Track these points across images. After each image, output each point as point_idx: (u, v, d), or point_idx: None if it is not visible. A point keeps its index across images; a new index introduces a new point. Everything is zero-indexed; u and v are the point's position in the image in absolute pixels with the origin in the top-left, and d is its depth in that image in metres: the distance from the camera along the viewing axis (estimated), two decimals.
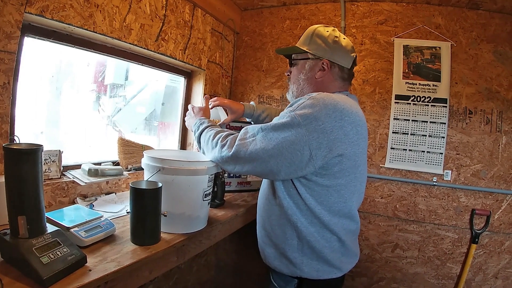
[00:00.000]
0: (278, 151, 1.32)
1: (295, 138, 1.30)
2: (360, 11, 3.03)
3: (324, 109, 1.31)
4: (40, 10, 1.58)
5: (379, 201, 2.97)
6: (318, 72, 1.57)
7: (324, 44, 1.55)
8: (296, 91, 1.65)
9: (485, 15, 2.72)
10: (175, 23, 2.49)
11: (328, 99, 1.35)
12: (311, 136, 1.29)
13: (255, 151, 1.34)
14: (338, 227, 1.48)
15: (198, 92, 3.02)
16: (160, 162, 1.51)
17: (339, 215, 1.46)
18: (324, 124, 1.30)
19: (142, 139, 2.50)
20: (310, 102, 1.33)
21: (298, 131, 1.30)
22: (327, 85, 1.58)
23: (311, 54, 1.58)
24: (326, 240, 1.47)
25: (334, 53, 1.55)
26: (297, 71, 1.64)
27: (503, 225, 2.67)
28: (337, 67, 1.57)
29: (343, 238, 1.50)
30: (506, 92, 2.67)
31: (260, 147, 1.34)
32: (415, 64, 2.86)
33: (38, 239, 1.11)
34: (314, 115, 1.30)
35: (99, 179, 1.88)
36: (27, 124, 1.89)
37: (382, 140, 2.94)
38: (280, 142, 1.31)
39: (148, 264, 1.38)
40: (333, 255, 1.49)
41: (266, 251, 1.60)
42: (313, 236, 1.45)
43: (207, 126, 1.64)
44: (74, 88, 2.35)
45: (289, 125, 1.31)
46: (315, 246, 1.46)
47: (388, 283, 2.99)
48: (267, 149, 1.33)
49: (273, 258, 1.56)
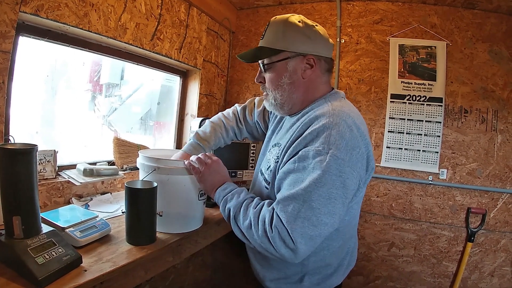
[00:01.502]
0: (339, 201, 1.14)
1: (348, 178, 1.15)
2: (356, 11, 3.03)
3: (352, 137, 1.18)
4: (35, 9, 1.57)
5: (375, 200, 2.97)
6: (305, 71, 1.33)
7: (303, 36, 1.30)
8: (281, 98, 1.38)
9: (480, 14, 2.73)
10: (170, 22, 2.49)
11: (347, 121, 1.20)
12: (356, 166, 1.18)
13: (320, 223, 1.12)
14: (350, 243, 1.47)
15: (194, 91, 3.02)
16: (155, 161, 1.50)
17: (349, 233, 1.43)
18: (360, 149, 1.19)
19: (137, 138, 2.49)
20: (335, 133, 1.15)
21: (346, 170, 1.14)
22: (314, 82, 1.37)
23: (290, 52, 1.31)
24: (335, 254, 1.39)
25: (316, 45, 1.32)
26: (277, 75, 1.35)
27: (499, 223, 2.68)
28: (323, 60, 1.34)
29: (351, 252, 1.48)
30: (502, 91, 2.67)
31: (319, 218, 1.12)
32: (410, 63, 2.87)
33: (33, 239, 1.11)
34: (349, 144, 1.16)
35: (94, 179, 1.87)
36: (22, 124, 1.88)
37: (378, 139, 2.94)
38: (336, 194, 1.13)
39: (144, 264, 1.38)
40: (337, 264, 1.42)
41: (261, 274, 1.49)
42: (321, 255, 1.35)
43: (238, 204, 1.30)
44: (70, 87, 2.34)
45: (332, 170, 1.12)
46: (322, 264, 1.37)
47: (384, 282, 3.00)
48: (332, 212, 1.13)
49: (269, 281, 1.45)
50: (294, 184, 1.16)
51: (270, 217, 1.16)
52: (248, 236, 1.23)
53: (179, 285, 2.82)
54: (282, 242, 1.11)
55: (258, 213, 1.21)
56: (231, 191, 1.36)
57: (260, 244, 1.18)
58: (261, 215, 1.19)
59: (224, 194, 1.35)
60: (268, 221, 1.15)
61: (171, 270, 2.69)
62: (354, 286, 3.08)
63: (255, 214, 1.21)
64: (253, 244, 1.22)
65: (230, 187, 1.38)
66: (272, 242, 1.13)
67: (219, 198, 1.37)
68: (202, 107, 3.07)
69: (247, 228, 1.22)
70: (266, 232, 1.14)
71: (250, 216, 1.22)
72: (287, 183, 1.20)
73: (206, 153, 1.50)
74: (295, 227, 1.09)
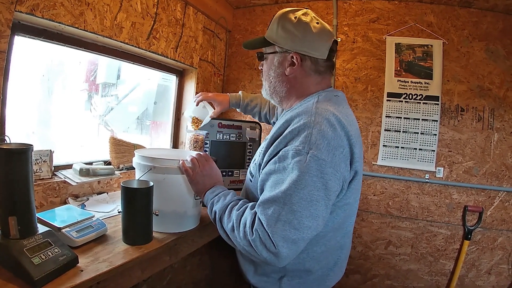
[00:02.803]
0: (321, 203, 1.12)
1: (330, 180, 1.13)
2: (352, 9, 3.03)
3: (335, 136, 1.16)
4: (31, 9, 1.56)
5: (371, 199, 2.97)
6: (287, 68, 1.34)
7: (292, 33, 1.30)
8: (269, 89, 1.44)
9: (477, 13, 2.73)
10: (166, 21, 2.48)
11: (330, 119, 1.19)
12: (340, 167, 1.16)
13: (302, 226, 1.09)
14: (339, 254, 1.41)
15: (190, 90, 3.01)
16: (151, 161, 1.50)
17: (336, 230, 1.35)
18: (344, 149, 1.17)
19: (134, 138, 2.49)
20: (316, 133, 1.13)
21: (328, 171, 1.11)
22: (300, 81, 1.37)
23: (278, 47, 1.34)
24: (316, 260, 1.34)
25: (304, 44, 1.30)
26: (267, 66, 1.42)
27: (496, 221, 2.68)
28: (308, 60, 1.33)
29: (336, 253, 1.41)
30: (498, 90, 2.68)
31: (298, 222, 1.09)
32: (407, 62, 2.87)
33: (29, 239, 1.10)
34: (332, 144, 1.14)
35: (90, 178, 1.87)
36: (19, 124, 1.87)
37: (374, 137, 2.94)
38: (317, 195, 1.11)
39: (140, 263, 1.37)
40: (320, 273, 1.37)
41: (244, 267, 1.48)
42: (300, 258, 1.30)
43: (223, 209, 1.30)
44: (66, 87, 2.33)
45: (313, 171, 1.10)
46: (300, 267, 1.34)
47: (381, 280, 3.00)
48: (314, 214, 1.11)
49: (251, 275, 1.44)
50: (275, 186, 1.15)
51: (252, 220, 1.14)
52: (232, 238, 1.21)
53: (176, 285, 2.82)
54: (263, 246, 1.09)
55: (241, 216, 1.20)
56: (218, 193, 1.36)
57: (243, 247, 1.16)
58: (243, 218, 1.18)
59: (211, 196, 1.36)
60: (249, 224, 1.14)
61: (168, 269, 2.69)
62: (351, 284, 3.09)
63: (237, 217, 1.20)
64: (238, 247, 1.21)
65: (218, 190, 1.38)
66: (254, 246, 1.11)
67: (207, 201, 1.37)
68: None
69: (230, 230, 1.21)
70: (246, 235, 1.13)
71: (233, 219, 1.21)
72: (269, 185, 1.19)
73: (201, 153, 1.51)
74: (276, 230, 1.07)
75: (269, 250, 1.08)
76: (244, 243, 1.14)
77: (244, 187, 1.54)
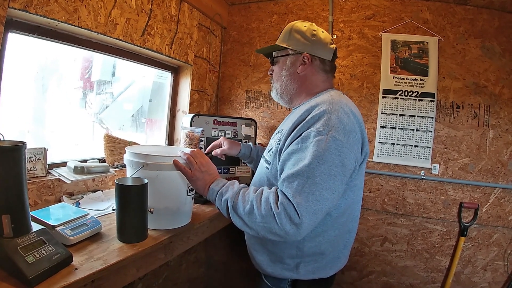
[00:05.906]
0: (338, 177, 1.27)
1: (346, 158, 1.28)
2: (348, 6, 3.03)
3: (349, 119, 1.33)
4: (24, 5, 1.55)
5: (367, 195, 2.98)
6: (299, 67, 1.56)
7: (303, 38, 1.55)
8: (280, 89, 1.65)
9: (473, 10, 2.73)
10: (161, 17, 2.47)
11: (345, 109, 1.36)
12: (353, 148, 1.32)
13: (322, 198, 1.22)
14: (348, 237, 1.56)
15: (185, 87, 3.00)
16: (143, 158, 1.50)
17: (347, 215, 1.49)
18: (357, 134, 1.34)
19: (129, 136, 2.48)
20: (335, 118, 1.30)
21: (344, 150, 1.27)
22: (310, 78, 1.59)
23: (291, 50, 1.57)
24: (330, 243, 1.47)
25: (313, 47, 1.55)
26: (279, 68, 1.64)
27: (491, 218, 2.69)
28: (318, 59, 1.57)
29: (346, 236, 1.55)
30: (494, 87, 2.68)
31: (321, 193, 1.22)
32: (402, 59, 2.87)
33: (23, 238, 1.10)
34: (347, 128, 1.30)
35: (85, 176, 1.86)
36: (13, 122, 1.86)
37: (370, 134, 2.94)
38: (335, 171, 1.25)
39: (135, 261, 1.37)
40: (332, 255, 1.51)
41: (257, 258, 1.57)
42: (316, 241, 1.45)
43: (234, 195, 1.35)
44: (60, 85, 2.32)
45: (332, 149, 1.25)
46: (317, 251, 1.46)
47: (377, 277, 3.01)
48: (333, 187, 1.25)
49: (266, 265, 1.54)
50: (297, 162, 1.27)
51: (275, 196, 1.25)
52: (249, 221, 1.28)
53: (172, 283, 2.82)
54: (288, 218, 1.18)
55: (260, 195, 1.29)
56: (224, 184, 1.41)
57: (263, 226, 1.24)
58: (264, 196, 1.28)
59: (218, 189, 1.39)
60: (273, 199, 1.24)
61: (164, 267, 2.69)
62: (347, 281, 3.09)
63: (257, 197, 1.28)
64: (255, 229, 1.27)
65: (222, 182, 1.43)
66: (278, 219, 1.19)
67: (213, 194, 1.40)
68: (194, 103, 3.06)
69: (248, 213, 1.27)
70: (271, 210, 1.21)
71: (252, 200, 1.28)
72: (291, 162, 1.30)
73: (194, 150, 1.54)
74: (300, 201, 1.19)
75: (293, 221, 1.18)
76: (266, 220, 1.23)
77: (255, 179, 1.65)
